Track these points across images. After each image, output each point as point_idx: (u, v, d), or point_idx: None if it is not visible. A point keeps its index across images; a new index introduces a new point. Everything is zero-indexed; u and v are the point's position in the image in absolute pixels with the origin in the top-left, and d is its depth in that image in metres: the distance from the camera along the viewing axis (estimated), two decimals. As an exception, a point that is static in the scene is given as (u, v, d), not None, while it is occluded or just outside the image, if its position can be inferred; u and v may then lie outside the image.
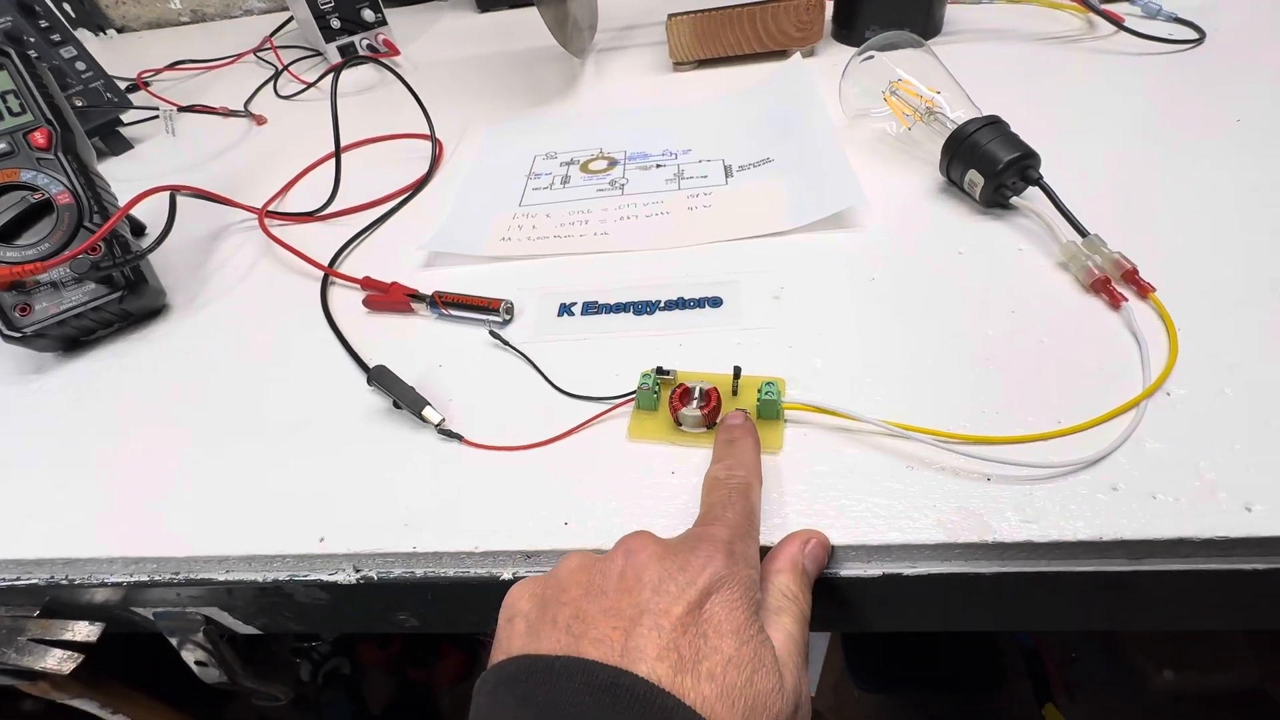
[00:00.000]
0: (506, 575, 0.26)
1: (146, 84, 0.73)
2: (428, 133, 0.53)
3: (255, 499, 0.29)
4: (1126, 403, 0.26)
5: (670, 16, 0.56)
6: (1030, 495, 0.24)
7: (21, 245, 0.36)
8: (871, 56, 0.44)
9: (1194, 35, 0.49)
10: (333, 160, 0.50)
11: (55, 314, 0.36)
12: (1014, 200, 0.36)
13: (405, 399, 0.30)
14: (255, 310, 0.40)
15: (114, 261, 0.36)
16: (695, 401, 0.27)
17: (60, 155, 0.38)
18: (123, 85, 0.72)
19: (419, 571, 0.26)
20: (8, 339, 0.36)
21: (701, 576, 0.20)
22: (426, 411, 0.30)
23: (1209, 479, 0.23)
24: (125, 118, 0.63)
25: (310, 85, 0.68)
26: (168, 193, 0.41)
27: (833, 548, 0.24)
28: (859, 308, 0.33)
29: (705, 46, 0.57)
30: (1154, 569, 0.23)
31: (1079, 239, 0.33)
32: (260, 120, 0.64)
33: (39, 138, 0.38)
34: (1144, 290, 0.30)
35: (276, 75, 0.71)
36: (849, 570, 0.24)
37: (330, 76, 0.68)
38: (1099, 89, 0.46)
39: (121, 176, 0.58)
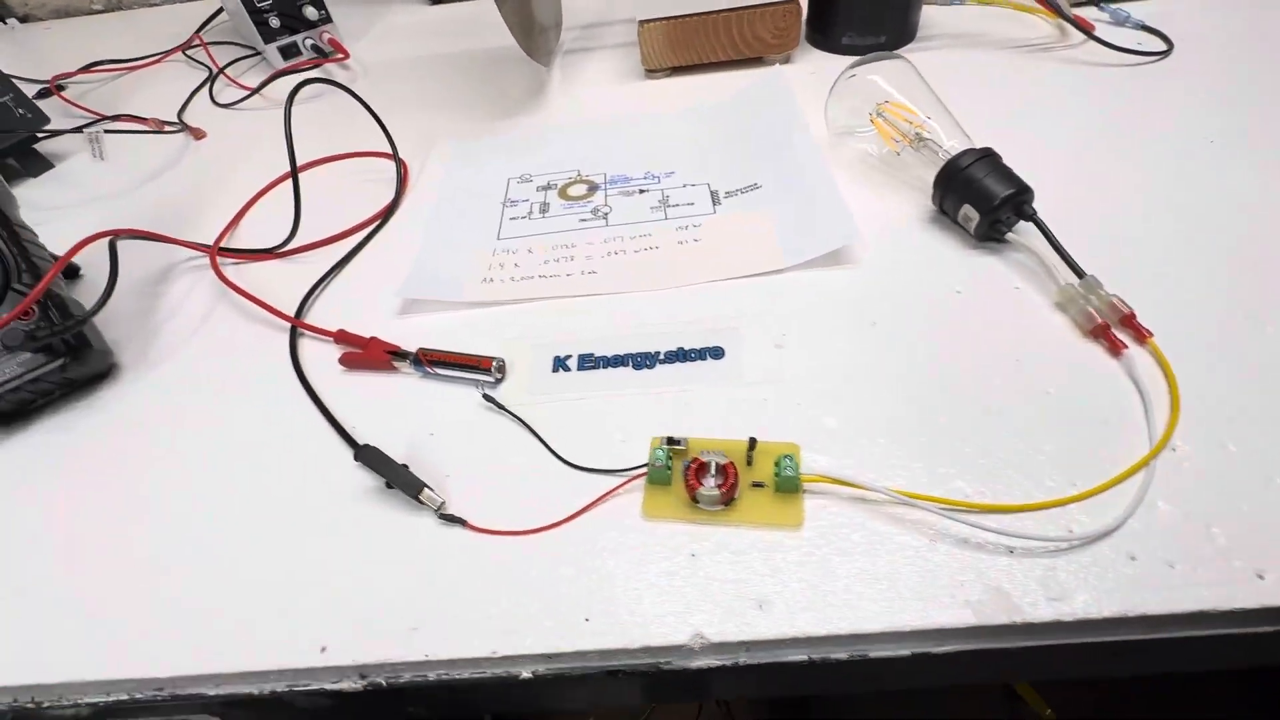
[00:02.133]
0: (525, 674, 0.24)
1: (61, 89, 0.66)
2: (389, 151, 0.50)
3: (242, 602, 0.27)
4: (1137, 462, 0.26)
5: (642, 23, 0.53)
6: (1053, 569, 0.24)
7: (-61, 314, 0.32)
8: (854, 75, 0.43)
9: (1162, 46, 0.50)
10: (288, 183, 0.46)
11: (-14, 390, 0.32)
12: (1008, 235, 0.36)
13: (399, 480, 0.28)
14: (216, 368, 0.37)
15: (51, 329, 0.33)
16: (712, 479, 0.26)
17: (-26, 207, 0.34)
18: (33, 90, 0.65)
19: (431, 675, 0.25)
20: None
21: None
22: (425, 494, 0.28)
23: (1221, 544, 0.24)
24: (41, 131, 0.56)
25: (253, 92, 0.63)
26: (107, 239, 0.37)
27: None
28: (864, 357, 0.32)
29: (679, 54, 0.55)
30: (1172, 636, 0.23)
31: (1076, 280, 0.33)
32: (199, 134, 0.58)
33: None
34: (1142, 336, 0.30)
35: (211, 79, 0.66)
36: (879, 652, 0.24)
37: (276, 82, 0.63)
38: (1074, 106, 0.46)
39: (44, 204, 0.53)
